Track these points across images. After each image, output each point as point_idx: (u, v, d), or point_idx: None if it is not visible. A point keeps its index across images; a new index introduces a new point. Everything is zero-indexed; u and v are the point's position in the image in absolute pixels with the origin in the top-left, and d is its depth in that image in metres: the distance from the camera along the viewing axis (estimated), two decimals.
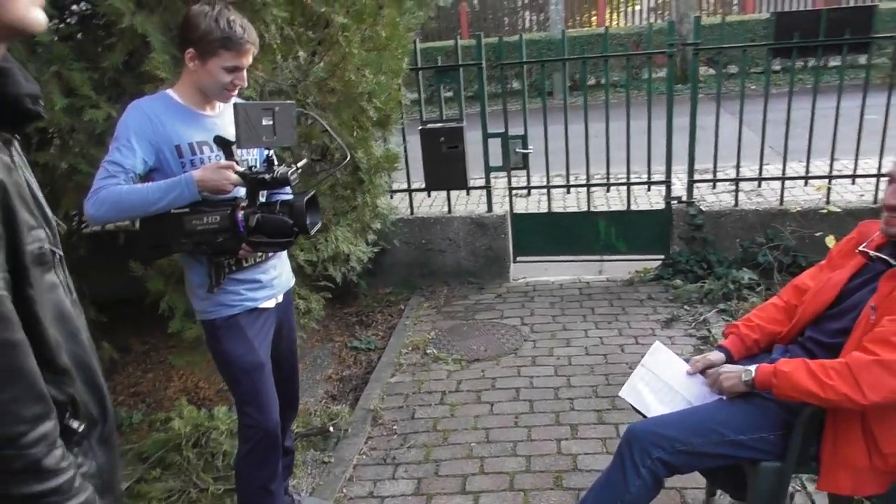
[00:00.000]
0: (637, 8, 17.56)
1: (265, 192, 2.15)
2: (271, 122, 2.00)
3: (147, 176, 2.07)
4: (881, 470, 1.91)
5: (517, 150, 4.78)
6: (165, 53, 2.70)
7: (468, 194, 5.19)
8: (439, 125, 4.72)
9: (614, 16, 17.61)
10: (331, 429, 3.25)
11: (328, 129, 2.29)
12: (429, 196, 5.26)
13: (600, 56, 4.64)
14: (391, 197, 4.77)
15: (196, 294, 2.24)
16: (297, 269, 3.44)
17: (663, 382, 2.17)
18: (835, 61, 8.91)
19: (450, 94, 8.26)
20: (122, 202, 1.95)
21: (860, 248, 2.07)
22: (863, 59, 9.11)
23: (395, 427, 3.32)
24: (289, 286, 2.49)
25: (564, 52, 4.65)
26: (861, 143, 4.39)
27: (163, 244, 2.10)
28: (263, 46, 2.91)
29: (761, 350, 2.25)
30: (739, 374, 2.00)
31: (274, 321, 2.41)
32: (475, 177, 5.00)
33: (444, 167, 4.76)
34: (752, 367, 1.98)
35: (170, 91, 2.13)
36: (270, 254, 2.29)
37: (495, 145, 4.79)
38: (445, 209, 5.08)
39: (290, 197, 2.22)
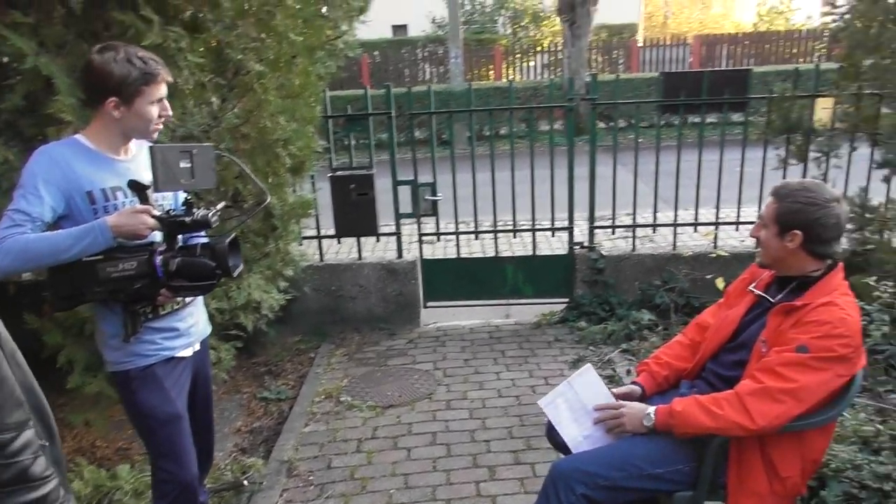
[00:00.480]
0: (531, 64, 18.42)
1: (182, 235, 2.12)
2: (189, 165, 1.97)
3: (56, 224, 1.98)
4: (781, 494, 2.06)
5: (426, 197, 4.88)
6: (71, 96, 2.62)
7: (378, 241, 5.22)
8: (349, 172, 4.76)
9: (510, 70, 18.37)
10: (245, 482, 3.13)
11: (247, 171, 2.29)
12: (338, 242, 5.25)
13: (506, 108, 4.85)
14: (300, 244, 4.74)
15: (108, 344, 2.14)
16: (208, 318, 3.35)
17: (582, 404, 2.24)
18: (712, 118, 9.67)
19: (357, 142, 8.32)
20: (29, 251, 1.86)
21: (750, 287, 2.27)
22: (738, 117, 9.92)
23: (311, 478, 3.25)
24: (206, 334, 2.43)
25: (471, 104, 4.83)
26: (742, 192, 4.77)
27: (75, 293, 2.01)
28: (176, 91, 2.88)
29: (670, 385, 2.39)
30: (641, 418, 2.12)
31: (191, 371, 2.34)
32: (385, 223, 5.05)
33: (355, 214, 4.79)
34: (652, 411, 2.09)
35: (78, 136, 2.05)
36: (188, 300, 2.24)
37: (405, 192, 4.87)
38: (355, 255, 5.09)
39: (206, 240, 2.19)
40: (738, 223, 4.92)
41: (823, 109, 4.45)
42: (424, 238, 5.12)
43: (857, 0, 4.07)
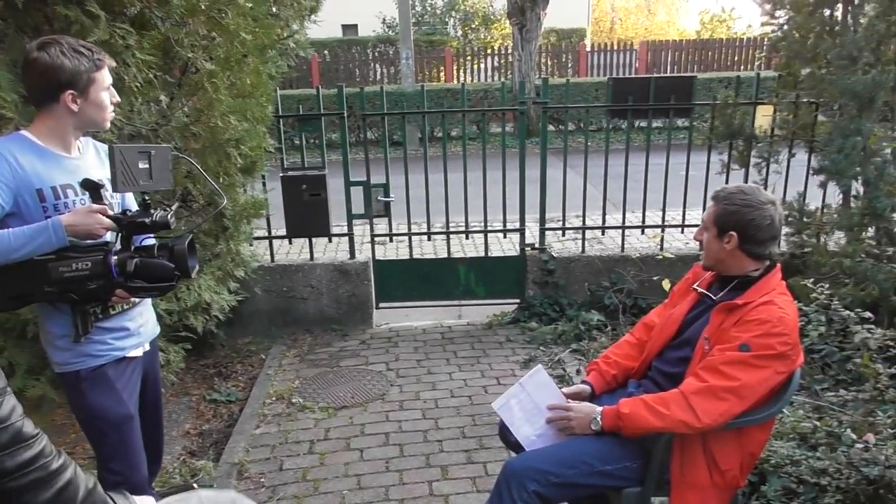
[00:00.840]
0: (482, 66, 18.54)
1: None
2: (148, 166, 1.96)
3: (2, 222, 1.93)
4: (721, 486, 2.14)
5: (379, 198, 4.88)
6: (13, 92, 2.54)
7: (330, 241, 5.20)
8: (301, 173, 4.73)
9: (460, 72, 18.45)
10: (194, 486, 3.06)
11: (203, 174, 2.26)
12: (290, 243, 5.21)
13: (458, 110, 4.89)
14: (251, 244, 4.68)
15: (56, 345, 2.09)
16: (157, 319, 3.29)
17: (534, 404, 2.28)
18: (658, 123, 9.92)
19: (308, 142, 8.25)
20: None
21: (694, 286, 2.36)
22: (683, 122, 10.16)
23: (262, 480, 3.22)
24: (155, 334, 2.41)
25: (424, 106, 4.85)
26: (687, 196, 4.91)
27: (24, 293, 1.96)
28: (123, 89, 2.83)
29: (619, 384, 2.46)
30: (588, 422, 2.17)
31: (141, 371, 2.31)
32: (337, 224, 5.03)
33: (307, 214, 4.75)
34: (598, 414, 2.15)
35: (25, 132, 2.00)
36: (137, 300, 2.20)
37: (357, 193, 4.86)
38: (307, 256, 5.06)
39: (153, 241, 2.16)
40: (683, 226, 5.06)
41: (764, 116, 4.61)
42: (377, 239, 5.12)
43: (795, 12, 4.23)
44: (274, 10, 4.25)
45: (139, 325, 2.24)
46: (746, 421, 2.10)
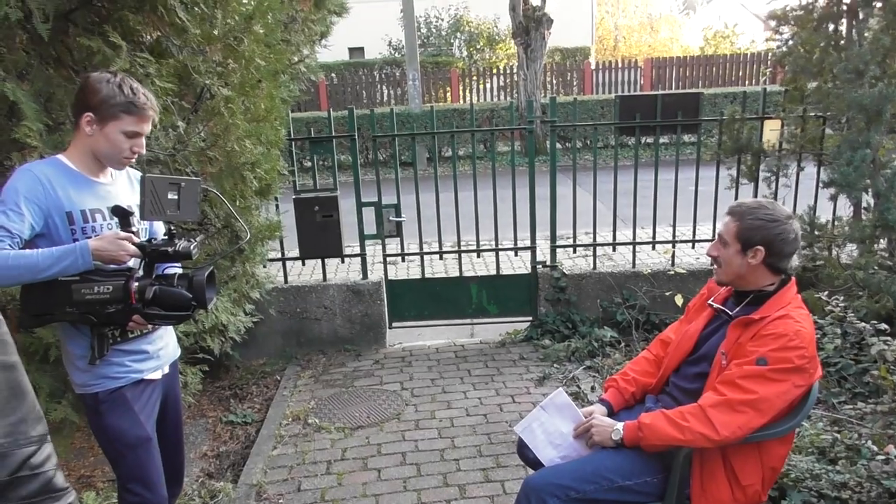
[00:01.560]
0: (487, 86, 18.69)
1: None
2: (177, 197, 2.01)
3: (31, 241, 1.98)
4: (742, 502, 2.14)
5: (390, 218, 4.92)
6: (37, 121, 2.60)
7: (343, 262, 5.24)
8: (313, 194, 4.78)
9: (466, 92, 18.60)
10: None
11: (230, 208, 2.33)
12: (303, 265, 5.24)
13: (468, 130, 4.94)
14: (264, 266, 4.73)
15: (76, 366, 2.13)
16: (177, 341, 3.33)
17: (556, 427, 2.30)
18: (665, 139, 9.95)
19: (320, 164, 8.34)
20: (9, 268, 1.86)
21: (709, 301, 2.37)
22: (689, 137, 10.18)
23: (280, 501, 3.23)
24: (175, 357, 2.43)
25: (434, 126, 4.91)
26: (697, 211, 4.94)
27: (46, 312, 2.01)
28: None
29: (637, 401, 2.47)
30: (609, 432, 2.19)
31: (160, 393, 2.34)
32: (349, 245, 5.07)
33: (319, 236, 4.80)
34: (620, 426, 2.17)
35: (61, 156, 2.07)
36: (154, 326, 2.24)
37: (369, 214, 4.91)
38: (320, 277, 5.09)
39: (181, 270, 2.20)
40: (694, 241, 5.08)
41: (771, 131, 4.64)
42: (389, 259, 5.16)
43: (799, 27, 4.28)
44: (285, 36, 4.33)
45: (158, 349, 2.28)
46: (765, 435, 2.11)
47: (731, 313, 2.24)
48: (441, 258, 5.40)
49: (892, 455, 2.52)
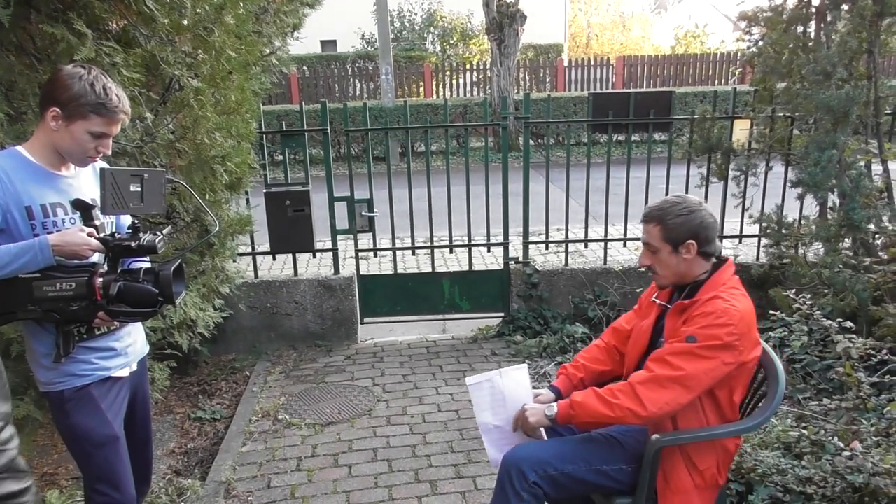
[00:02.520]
0: (461, 81, 18.65)
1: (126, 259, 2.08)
2: (139, 189, 1.95)
3: None
4: (702, 486, 2.18)
5: (363, 213, 4.88)
6: None
7: (314, 257, 5.19)
8: (285, 188, 4.73)
9: (439, 88, 18.55)
10: None
11: (200, 200, 2.28)
12: (274, 259, 5.19)
13: (441, 126, 4.92)
14: (234, 260, 4.66)
15: (41, 364, 2.07)
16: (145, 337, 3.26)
17: (503, 396, 2.32)
18: (636, 136, 10.04)
19: (291, 157, 8.26)
20: None
21: (653, 298, 2.39)
22: (658, 135, 10.29)
23: (250, 498, 3.19)
24: (143, 354, 2.38)
25: (407, 121, 4.88)
26: None
27: (7, 311, 1.94)
28: None
29: (585, 387, 2.50)
30: (542, 410, 2.21)
31: (128, 391, 2.29)
32: (321, 239, 5.02)
33: (291, 230, 4.75)
34: (555, 404, 2.20)
35: (20, 148, 1.99)
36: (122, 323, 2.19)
37: (341, 208, 4.87)
38: (291, 272, 5.04)
39: (148, 264, 2.15)
40: None
41: (741, 130, 4.70)
42: (361, 254, 5.12)
43: (769, 29, 4.33)
44: (257, 27, 4.26)
45: (126, 346, 2.22)
46: (732, 432, 2.16)
47: (667, 305, 2.29)
48: (413, 253, 5.39)
49: (857, 451, 2.56)
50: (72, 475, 3.34)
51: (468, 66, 18.86)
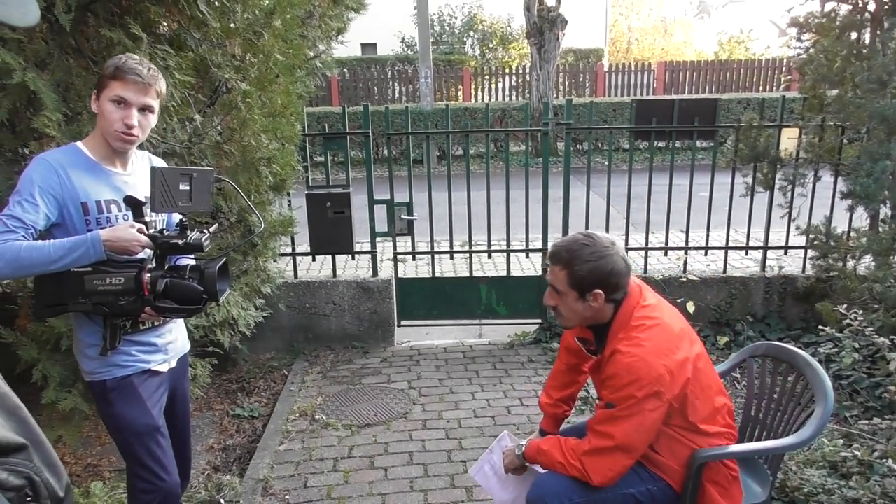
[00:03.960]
0: (500, 85, 18.64)
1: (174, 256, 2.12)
2: (188, 188, 1.99)
3: (47, 231, 1.97)
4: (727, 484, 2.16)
5: (402, 216, 4.91)
6: (57, 111, 2.60)
7: (353, 259, 5.22)
8: (326, 190, 4.77)
9: (478, 91, 18.56)
10: (221, 501, 3.10)
11: (246, 199, 2.30)
12: (313, 260, 5.23)
13: (482, 130, 4.92)
14: (275, 261, 4.72)
15: (86, 354, 2.13)
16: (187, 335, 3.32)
17: (503, 470, 2.40)
18: (678, 144, 9.90)
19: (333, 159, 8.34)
20: (22, 259, 1.85)
21: (575, 337, 2.34)
22: (703, 143, 10.12)
23: (287, 497, 3.22)
24: (184, 351, 2.43)
25: (447, 125, 4.89)
26: (711, 218, 4.90)
27: (59, 303, 2.00)
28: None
29: (572, 409, 2.57)
30: (514, 452, 2.29)
31: (167, 387, 2.34)
32: (360, 241, 5.05)
33: (331, 232, 4.79)
34: (524, 442, 2.26)
35: (79, 144, 2.06)
36: (167, 319, 2.23)
37: (381, 211, 4.89)
38: (330, 273, 5.09)
39: (193, 262, 2.19)
40: (707, 248, 5.04)
41: (789, 139, 4.60)
42: (399, 257, 5.14)
43: (821, 35, 4.24)
44: (303, 31, 4.31)
45: (167, 342, 2.27)
46: (775, 448, 2.16)
47: (589, 354, 2.27)
48: (451, 258, 5.39)
49: None
50: (115, 467, 3.41)
51: (507, 71, 18.84)
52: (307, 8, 4.26)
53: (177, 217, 2.23)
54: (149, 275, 2.00)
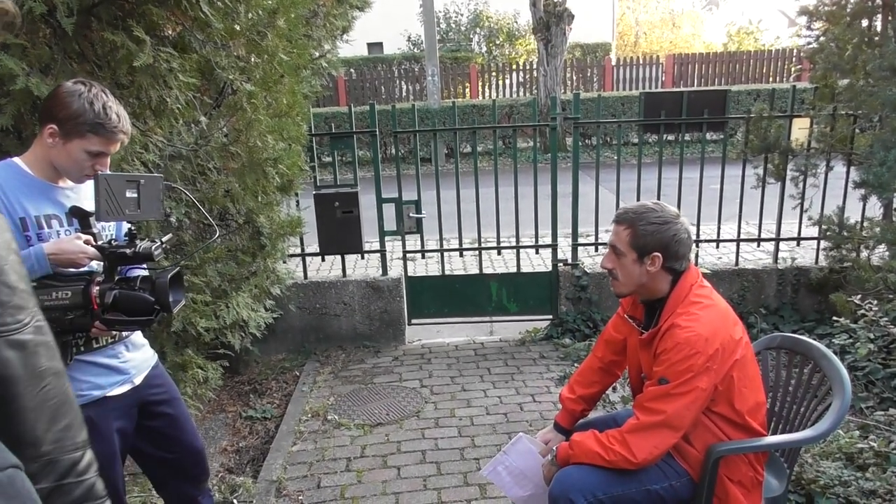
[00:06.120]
0: (507, 81, 18.58)
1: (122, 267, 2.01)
2: (136, 195, 1.88)
3: None
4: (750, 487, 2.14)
5: (411, 214, 4.89)
6: None
7: (362, 258, 5.22)
8: (334, 190, 4.76)
9: (486, 88, 18.52)
10: (234, 502, 3.10)
11: (196, 203, 2.26)
12: (323, 260, 5.23)
13: (489, 127, 4.88)
14: (285, 261, 4.72)
15: None
16: (195, 337, 3.32)
17: (520, 470, 2.40)
18: (688, 136, 9.83)
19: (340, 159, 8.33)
20: None
21: (626, 314, 2.31)
22: (712, 135, 10.06)
23: (300, 497, 3.22)
24: (149, 365, 2.25)
25: (455, 123, 4.87)
26: (722, 210, 4.86)
27: None
28: (165, 111, 2.88)
29: (591, 410, 2.51)
30: (549, 462, 2.25)
31: (131, 405, 2.16)
32: (369, 241, 5.05)
33: (339, 231, 4.79)
34: (556, 448, 2.23)
35: (17, 160, 1.93)
36: (125, 333, 2.11)
37: (389, 210, 4.88)
38: (339, 273, 5.08)
39: (146, 272, 2.08)
40: (717, 241, 5.00)
41: (800, 129, 4.55)
42: (408, 255, 5.13)
43: (831, 23, 4.19)
44: (307, 31, 4.31)
45: (124, 361, 2.12)
46: (793, 441, 2.11)
47: (640, 330, 2.22)
48: (461, 255, 5.37)
49: None
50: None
51: (514, 67, 18.79)
52: (311, 7, 4.25)
53: (126, 226, 2.11)
54: (97, 287, 1.88)
